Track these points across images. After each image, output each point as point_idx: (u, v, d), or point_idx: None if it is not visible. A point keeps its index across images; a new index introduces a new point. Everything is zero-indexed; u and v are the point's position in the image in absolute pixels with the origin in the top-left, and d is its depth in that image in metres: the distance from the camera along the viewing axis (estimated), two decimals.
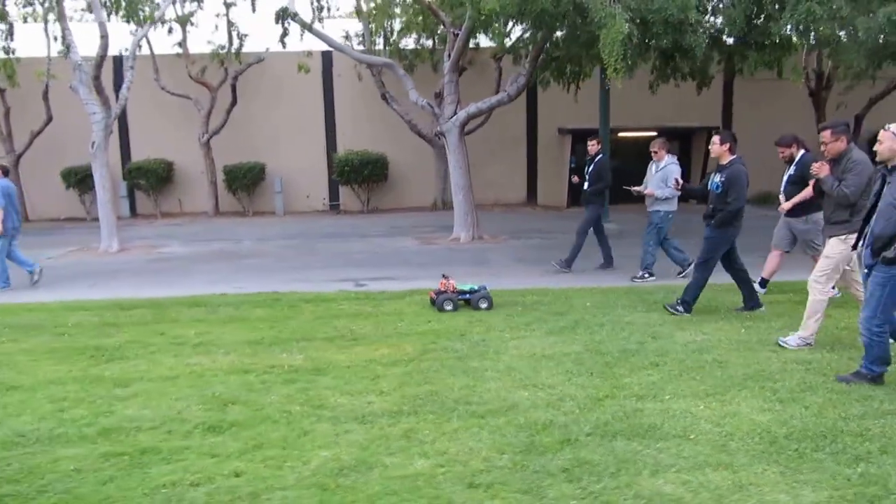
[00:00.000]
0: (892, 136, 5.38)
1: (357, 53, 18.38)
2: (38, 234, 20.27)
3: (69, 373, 6.51)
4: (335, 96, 24.44)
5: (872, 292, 5.47)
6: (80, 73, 16.37)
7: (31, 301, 10.16)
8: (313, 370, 6.34)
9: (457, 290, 8.75)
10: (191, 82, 23.15)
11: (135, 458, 4.58)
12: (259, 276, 11.88)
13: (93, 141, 16.20)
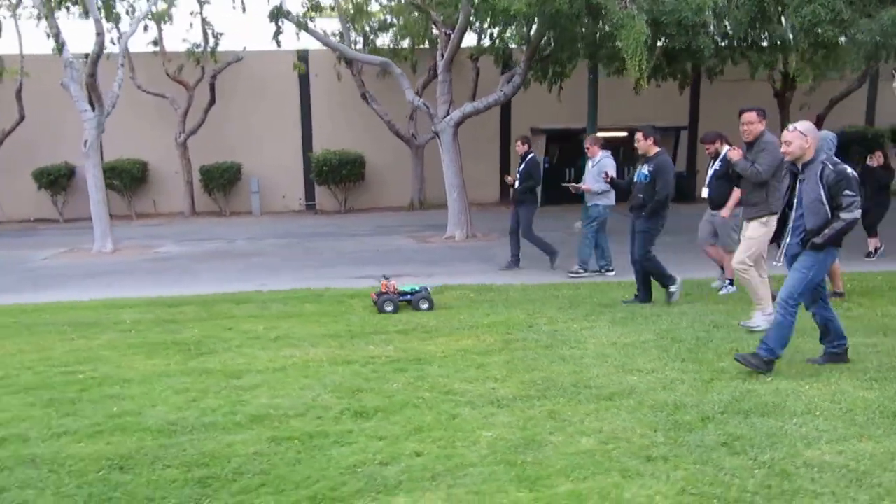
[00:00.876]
0: (799, 135, 5.69)
1: (353, 52, 18.55)
2: (13, 235, 19.95)
3: (169, 366, 6.64)
4: (312, 96, 24.45)
5: (798, 275, 5.74)
6: (71, 70, 16.20)
7: (60, 300, 10.18)
8: (414, 360, 6.57)
9: (398, 291, 8.82)
10: (166, 81, 22.96)
11: (306, 441, 4.77)
12: (276, 274, 12.01)
13: (85, 140, 16.06)
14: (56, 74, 21.05)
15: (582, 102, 19.33)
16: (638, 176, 8.55)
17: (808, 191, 5.65)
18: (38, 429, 5.15)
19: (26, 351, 7.39)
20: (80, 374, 6.48)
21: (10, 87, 22.01)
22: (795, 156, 5.75)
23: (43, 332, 8.18)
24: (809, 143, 5.66)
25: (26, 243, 18.21)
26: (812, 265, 5.70)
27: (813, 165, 5.64)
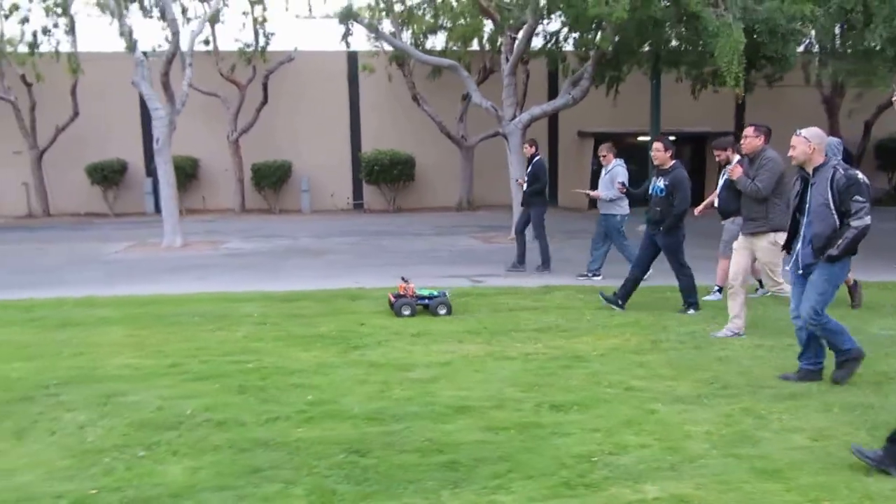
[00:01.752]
0: (804, 141, 5.69)
1: (421, 54, 18.69)
2: (70, 228, 20.15)
3: (331, 358, 6.82)
4: (361, 96, 24.66)
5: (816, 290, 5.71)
6: (141, 69, 16.38)
7: (162, 293, 10.36)
8: (572, 357, 6.74)
9: (416, 294, 8.72)
10: (217, 80, 23.15)
11: (523, 431, 4.96)
12: (362, 272, 12.06)
13: (157, 137, 16.25)
14: (108, 72, 21.37)
15: (629, 106, 19.51)
16: (653, 189, 8.57)
17: (817, 195, 5.64)
18: (248, 414, 5.33)
19: (174, 341, 7.57)
20: (248, 363, 6.66)
21: (64, 84, 22.17)
22: (799, 161, 5.76)
23: (179, 323, 8.35)
24: (813, 149, 5.66)
25: (88, 237, 18.41)
26: (829, 278, 5.69)
27: (824, 170, 5.64)
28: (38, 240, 17.83)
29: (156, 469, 4.45)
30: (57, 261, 14.23)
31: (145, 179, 23.71)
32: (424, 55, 18.72)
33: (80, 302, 9.77)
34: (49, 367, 6.64)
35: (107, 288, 10.92)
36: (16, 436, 5.01)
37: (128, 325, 8.34)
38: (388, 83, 23.73)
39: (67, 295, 10.31)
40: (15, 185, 23.53)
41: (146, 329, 8.12)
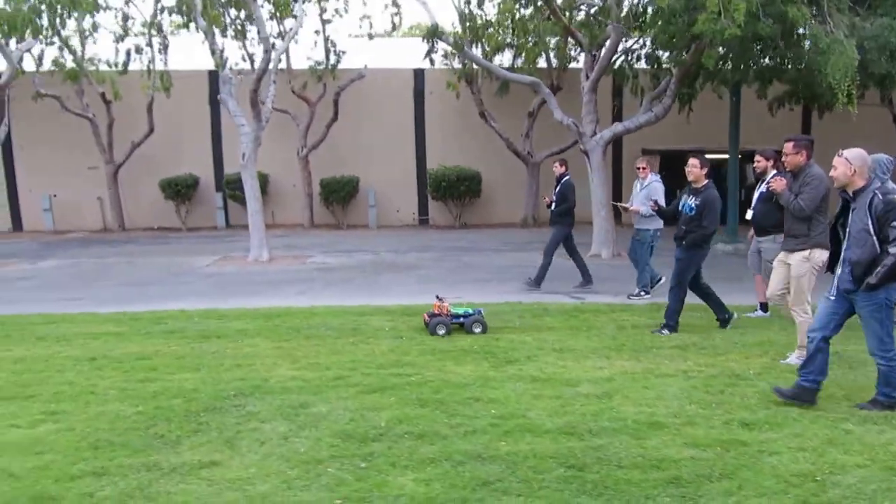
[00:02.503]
0: (845, 162, 5.56)
1: (503, 72, 18.87)
2: (149, 242, 20.46)
3: (488, 372, 6.90)
4: (426, 113, 24.85)
5: (871, 323, 5.61)
6: (229, 86, 16.65)
7: (285, 306, 10.50)
8: (731, 375, 6.75)
9: (451, 313, 8.61)
10: (287, 98, 23.41)
11: (730, 449, 4.99)
12: (459, 288, 11.98)
13: (243, 153, 16.50)
14: (181, 89, 21.71)
15: (693, 122, 19.38)
16: (683, 206, 8.45)
17: (857, 220, 5.51)
18: (442, 427, 5.41)
19: (323, 353, 7.70)
20: (411, 376, 6.76)
21: (140, 102, 22.58)
22: (840, 183, 5.63)
23: (317, 336, 8.50)
24: (855, 172, 5.53)
25: (171, 250, 18.69)
26: (878, 308, 5.53)
27: (864, 195, 5.51)
28: (123, 253, 18.14)
29: (387, 480, 4.54)
30: (156, 274, 14.48)
31: (216, 194, 24.02)
32: (508, 73, 18.83)
33: (206, 314, 9.94)
34: (217, 378, 6.78)
35: (220, 301, 11.13)
36: (228, 446, 5.12)
37: (268, 337, 8.48)
38: (453, 100, 23.82)
39: (185, 307, 10.50)
40: (90, 199, 23.95)
41: (288, 342, 8.25)
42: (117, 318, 9.85)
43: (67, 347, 8.14)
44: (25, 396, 6.32)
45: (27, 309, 10.62)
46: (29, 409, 5.98)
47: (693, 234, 8.23)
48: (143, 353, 7.76)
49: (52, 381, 6.80)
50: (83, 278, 14.25)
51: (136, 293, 12.16)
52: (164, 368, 7.16)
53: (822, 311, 5.86)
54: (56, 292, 12.54)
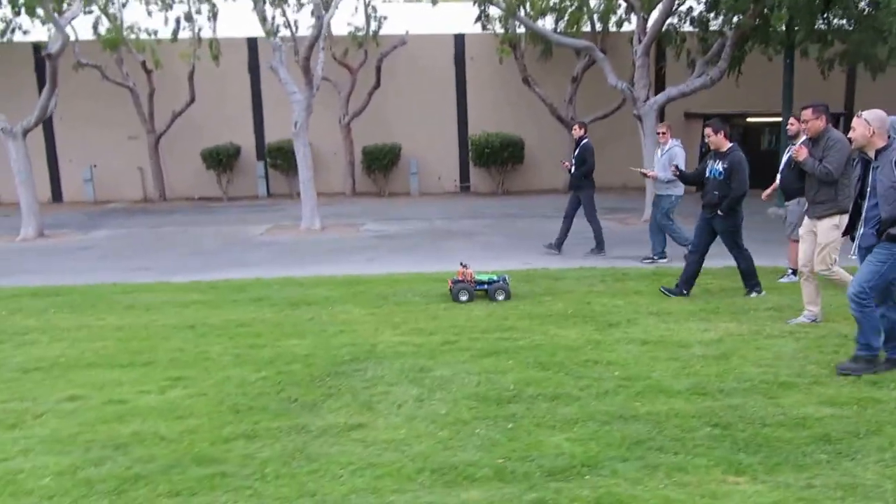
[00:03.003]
0: (864, 123, 5.53)
1: (556, 36, 18.69)
2: (196, 212, 20.54)
3: (596, 335, 6.94)
4: (467, 79, 24.72)
5: (871, 267, 5.55)
6: (279, 53, 16.60)
7: (363, 273, 10.52)
8: (839, 335, 6.74)
9: (475, 279, 8.58)
10: (328, 65, 23.28)
11: (867, 406, 5.01)
12: (523, 254, 12.00)
13: (295, 121, 16.50)
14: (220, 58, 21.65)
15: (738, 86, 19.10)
16: (711, 172, 8.35)
17: (883, 179, 5.44)
18: (572, 389, 5.46)
19: (421, 319, 7.77)
20: (519, 340, 6.83)
21: (181, 71, 22.57)
22: (859, 144, 5.62)
23: (407, 302, 8.57)
24: (873, 132, 5.51)
25: (219, 220, 18.77)
26: (887, 259, 5.49)
27: (887, 152, 5.47)
28: (174, 223, 18.24)
29: (540, 440, 4.59)
30: (213, 243, 14.60)
31: (257, 163, 24.07)
32: (561, 38, 18.65)
33: (285, 282, 10.01)
34: (325, 344, 6.84)
35: (288, 269, 11.18)
36: (367, 409, 5.19)
37: (357, 304, 8.54)
38: (494, 66, 23.68)
39: (256, 276, 10.59)
40: (130, 170, 24.05)
41: (380, 308, 8.30)
42: (195, 287, 9.93)
43: (160, 316, 8.22)
44: (142, 363, 6.40)
45: (97, 278, 10.72)
46: (151, 375, 6.05)
47: (726, 198, 8.14)
48: (241, 321, 7.83)
49: (161, 348, 6.88)
50: (142, 247, 14.37)
51: (202, 262, 12.25)
52: (269, 335, 7.22)
53: None
54: (121, 262, 12.67)
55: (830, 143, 6.80)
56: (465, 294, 8.42)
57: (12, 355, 6.77)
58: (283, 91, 22.72)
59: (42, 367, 6.36)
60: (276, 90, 23.75)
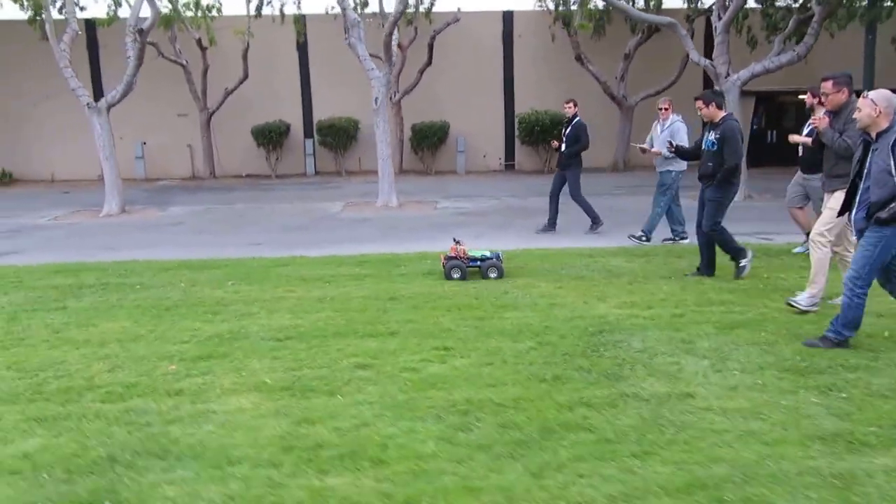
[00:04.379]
0: (870, 104, 5.44)
1: (637, 12, 18.66)
2: (251, 189, 20.45)
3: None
4: (515, 56, 24.68)
5: (863, 252, 5.55)
6: (357, 30, 16.50)
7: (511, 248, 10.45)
8: None
9: (468, 256, 8.53)
10: (378, 43, 23.13)
11: None
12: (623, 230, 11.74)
13: (375, 97, 16.44)
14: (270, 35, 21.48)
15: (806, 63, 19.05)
16: (705, 143, 8.22)
17: (879, 161, 5.39)
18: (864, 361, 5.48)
19: (619, 292, 7.78)
20: (748, 313, 6.85)
21: (232, 48, 22.36)
22: (864, 124, 5.52)
23: (580, 277, 8.61)
24: (880, 113, 5.41)
25: (284, 196, 18.76)
26: (877, 242, 5.44)
27: (887, 135, 5.39)
28: (242, 199, 18.23)
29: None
30: (300, 219, 14.68)
31: (305, 141, 23.95)
32: (642, 13, 18.65)
33: (421, 257, 10.00)
34: (552, 316, 6.84)
35: (399, 244, 11.23)
36: (674, 378, 5.21)
37: (535, 277, 8.59)
38: (541, 43, 23.79)
39: (385, 250, 10.61)
40: (179, 147, 23.85)
41: (562, 282, 8.30)
42: (337, 261, 9.93)
43: (347, 288, 8.20)
44: (387, 333, 6.39)
45: (223, 253, 10.76)
46: (409, 345, 6.03)
47: (719, 171, 7.99)
48: (437, 293, 7.84)
49: (386, 319, 6.86)
50: (231, 223, 14.41)
51: (305, 238, 12.22)
52: (482, 308, 7.22)
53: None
54: (224, 237, 12.74)
55: (852, 115, 6.28)
56: (458, 271, 8.39)
57: (244, 325, 6.74)
58: (333, 69, 22.72)
59: (292, 336, 6.34)
60: (324, 68, 23.70)
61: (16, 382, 5.39)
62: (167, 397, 5.03)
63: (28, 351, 6.17)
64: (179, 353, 5.99)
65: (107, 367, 5.67)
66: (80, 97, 15.99)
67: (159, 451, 4.18)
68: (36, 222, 15.29)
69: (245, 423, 4.53)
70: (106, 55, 22.91)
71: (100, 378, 5.42)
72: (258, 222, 14.41)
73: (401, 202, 16.64)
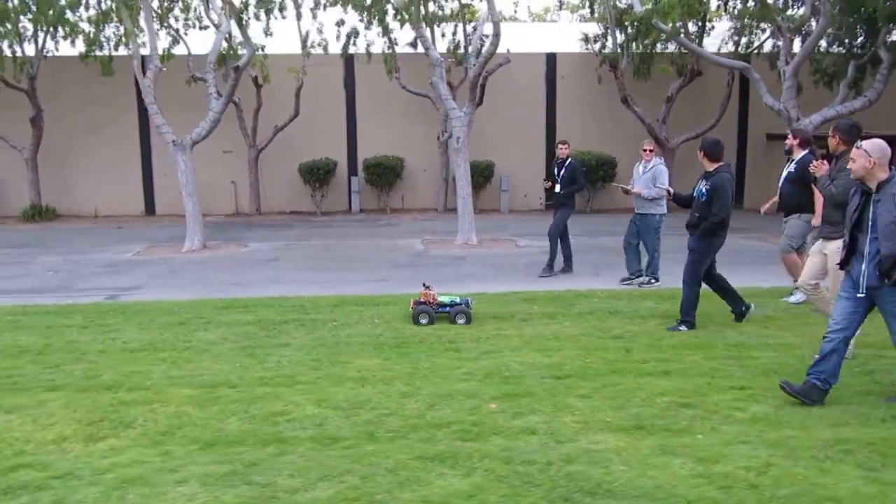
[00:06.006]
0: (864, 154, 5.34)
1: (709, 55, 19.14)
2: (309, 226, 20.43)
3: None
4: (557, 97, 25.09)
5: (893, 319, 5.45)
6: (440, 69, 16.75)
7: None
8: None
9: (437, 302, 8.49)
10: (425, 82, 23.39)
11: None
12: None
13: (457, 137, 16.66)
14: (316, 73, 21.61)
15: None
16: (696, 192, 8.14)
17: (884, 212, 5.23)
18: None
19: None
20: None
21: (279, 85, 22.41)
22: (858, 175, 5.41)
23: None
24: (874, 164, 5.31)
25: (349, 234, 18.76)
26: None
27: (889, 185, 5.27)
28: (309, 236, 18.29)
29: None
30: (396, 256, 14.70)
31: (350, 178, 24.06)
32: (717, 57, 19.11)
33: (584, 295, 10.09)
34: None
35: (531, 283, 11.38)
36: None
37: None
38: (584, 85, 24.19)
39: (518, 288, 10.70)
40: (223, 183, 23.78)
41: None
42: (498, 298, 9.99)
43: (558, 327, 8.27)
44: (667, 372, 6.49)
45: (348, 290, 10.78)
46: (719, 385, 6.16)
47: (705, 220, 7.91)
48: (652, 333, 7.93)
49: (648, 358, 6.97)
50: (328, 259, 14.45)
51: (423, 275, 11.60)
52: (718, 347, 7.32)
53: (842, 311, 5.63)
54: (338, 273, 12.76)
55: (845, 164, 6.36)
56: (426, 317, 8.34)
57: (503, 363, 6.80)
58: (376, 107, 22.89)
59: (570, 374, 6.40)
60: (369, 105, 23.91)
61: (344, 421, 5.45)
62: (531, 435, 5.07)
63: (316, 388, 6.16)
64: (473, 390, 6.05)
65: (423, 405, 5.69)
66: (164, 134, 15.97)
67: (602, 492, 4.22)
68: (122, 257, 15.15)
69: (638, 461, 4.60)
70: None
71: (434, 415, 5.51)
72: (357, 259, 14.43)
73: (479, 240, 16.73)
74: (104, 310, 9.71)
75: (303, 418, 5.51)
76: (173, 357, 7.25)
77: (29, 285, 12.23)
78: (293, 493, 4.29)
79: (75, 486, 4.39)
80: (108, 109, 22.88)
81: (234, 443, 5.05)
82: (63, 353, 7.47)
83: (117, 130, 23.45)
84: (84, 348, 7.64)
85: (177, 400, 5.92)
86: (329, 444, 5.04)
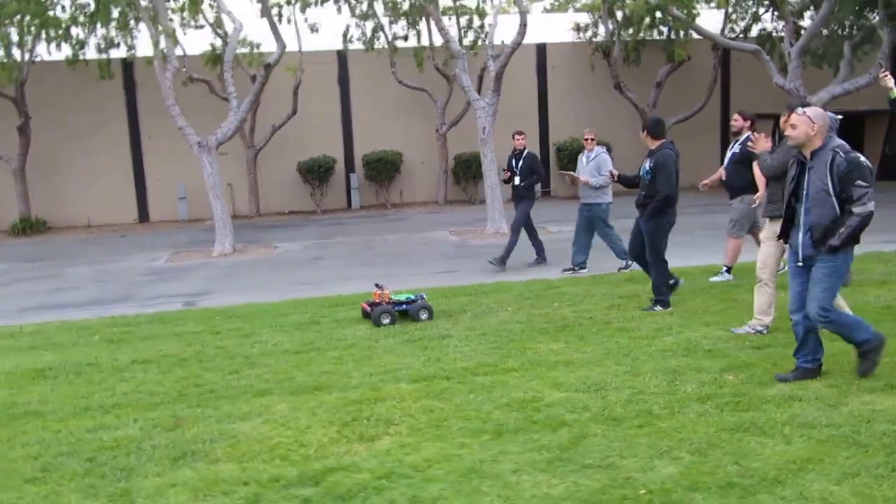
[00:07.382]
0: (807, 121, 5.28)
1: (726, 40, 19.47)
2: (318, 225, 20.20)
3: None
4: (549, 87, 25.28)
5: (823, 283, 5.38)
6: (462, 61, 16.75)
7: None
8: None
9: (392, 300, 8.23)
10: (423, 75, 23.38)
11: None
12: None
13: (483, 127, 16.69)
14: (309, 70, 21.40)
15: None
16: (641, 171, 8.12)
17: (816, 181, 5.26)
18: None
19: None
20: None
21: (275, 84, 22.06)
22: (799, 142, 5.36)
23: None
24: (816, 131, 5.26)
25: (371, 229, 18.60)
26: (832, 271, 5.34)
27: (822, 153, 5.26)
28: (331, 234, 18.15)
29: None
30: (437, 249, 14.78)
31: (349, 175, 23.87)
32: (728, 41, 19.48)
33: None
34: None
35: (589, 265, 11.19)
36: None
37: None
38: (575, 74, 24.56)
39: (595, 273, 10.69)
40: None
41: None
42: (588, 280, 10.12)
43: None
44: None
45: (425, 283, 10.59)
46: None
47: (652, 199, 7.90)
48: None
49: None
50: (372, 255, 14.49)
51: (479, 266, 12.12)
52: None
53: (793, 292, 5.65)
54: (399, 268, 12.62)
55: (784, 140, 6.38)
56: (388, 317, 8.01)
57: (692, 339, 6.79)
58: (378, 102, 22.76)
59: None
60: (365, 101, 23.72)
61: (603, 401, 5.43)
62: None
63: (533, 374, 6.12)
64: (695, 364, 6.04)
65: (662, 382, 5.69)
66: (188, 136, 15.57)
67: None
68: (154, 265, 14.81)
69: None
70: (143, 93, 22.27)
71: (684, 390, 5.52)
72: (401, 254, 14.36)
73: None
74: (209, 315, 9.45)
75: (560, 402, 5.41)
76: (347, 355, 7.06)
77: (88, 297, 11.82)
78: (643, 473, 4.25)
79: (415, 483, 4.24)
80: (97, 116, 22.24)
81: (520, 430, 4.94)
82: (225, 359, 7.20)
83: (107, 137, 22.78)
84: (243, 352, 7.40)
85: (406, 395, 5.74)
86: (617, 424, 4.99)
